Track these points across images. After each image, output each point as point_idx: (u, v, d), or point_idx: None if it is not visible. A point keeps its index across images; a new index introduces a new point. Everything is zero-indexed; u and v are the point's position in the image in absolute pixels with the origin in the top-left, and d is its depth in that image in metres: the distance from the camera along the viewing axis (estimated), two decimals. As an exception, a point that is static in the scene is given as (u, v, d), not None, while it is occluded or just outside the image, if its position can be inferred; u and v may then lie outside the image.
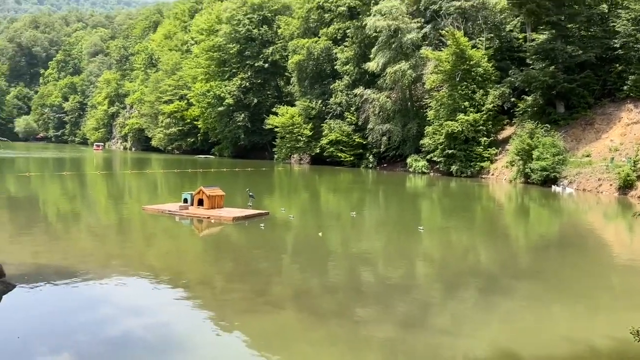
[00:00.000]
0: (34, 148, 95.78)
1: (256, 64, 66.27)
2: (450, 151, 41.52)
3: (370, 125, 50.52)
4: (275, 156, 61.41)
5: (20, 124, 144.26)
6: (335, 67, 54.80)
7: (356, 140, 52.47)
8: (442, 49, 43.69)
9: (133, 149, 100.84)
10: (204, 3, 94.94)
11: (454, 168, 41.61)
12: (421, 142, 44.79)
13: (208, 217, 17.42)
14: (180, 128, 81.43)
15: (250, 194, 20.22)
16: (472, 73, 41.61)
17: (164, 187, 31.54)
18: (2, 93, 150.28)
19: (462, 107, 41.28)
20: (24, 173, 37.37)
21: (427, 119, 44.63)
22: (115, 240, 14.89)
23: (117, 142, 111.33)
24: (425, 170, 45.15)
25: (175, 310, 8.60)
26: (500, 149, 41.42)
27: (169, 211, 18.28)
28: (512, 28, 45.11)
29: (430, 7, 47.05)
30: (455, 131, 40.61)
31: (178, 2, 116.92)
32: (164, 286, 9.92)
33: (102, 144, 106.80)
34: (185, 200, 18.69)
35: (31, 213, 19.42)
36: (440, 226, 19.24)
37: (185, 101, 79.89)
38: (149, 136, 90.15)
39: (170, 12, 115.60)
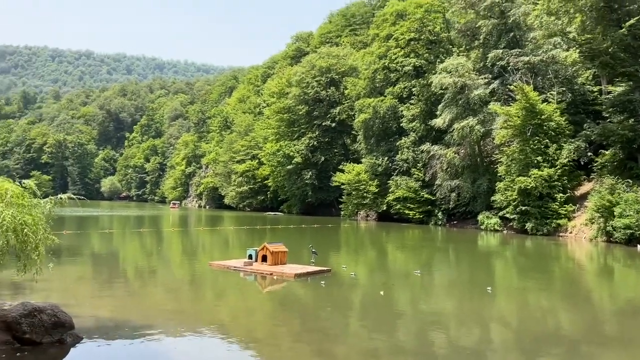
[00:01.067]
0: (117, 206, 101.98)
1: (324, 124, 68.22)
2: (524, 208, 39.88)
3: (438, 182, 49.85)
4: (342, 213, 61.64)
5: (105, 184, 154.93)
6: (401, 125, 55.24)
7: (424, 196, 51.80)
8: (511, 103, 42.98)
9: (207, 206, 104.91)
10: (276, 68, 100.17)
11: (528, 225, 39.78)
12: (492, 198, 43.44)
13: (271, 274, 17.61)
14: (251, 186, 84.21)
15: (313, 250, 20.29)
16: (544, 127, 40.40)
17: (234, 243, 32.35)
18: (92, 156, 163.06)
19: (535, 162, 39.90)
20: (107, 230, 39.75)
21: (498, 174, 43.43)
22: (184, 296, 15.32)
23: (193, 201, 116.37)
24: (498, 228, 43.48)
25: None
26: (578, 205, 39.26)
27: (234, 267, 18.68)
28: (584, 81, 43.78)
29: (498, 63, 46.84)
30: (529, 187, 39.12)
31: (252, 68, 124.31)
32: (231, 343, 10.04)
33: (178, 202, 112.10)
34: (250, 257, 19.06)
35: (111, 269, 20.49)
36: (516, 287, 18.24)
37: (257, 161, 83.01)
38: (222, 194, 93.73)
39: (245, 77, 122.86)
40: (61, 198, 9.98)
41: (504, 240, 37.21)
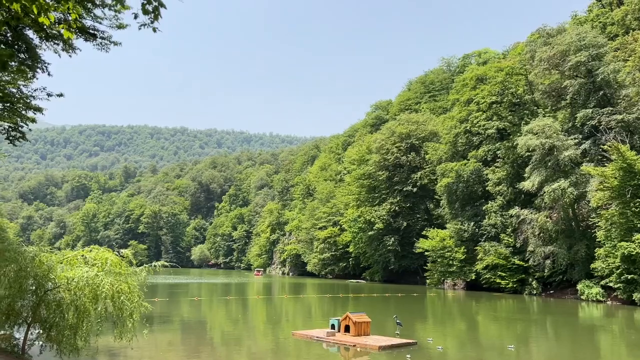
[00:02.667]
0: (206, 274, 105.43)
1: (405, 189, 67.69)
2: (629, 276, 36.43)
3: (530, 248, 47.06)
4: (427, 281, 59.46)
5: (195, 252, 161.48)
6: (486, 188, 53.53)
7: (515, 263, 48.92)
8: (606, 164, 40.48)
9: (290, 273, 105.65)
10: (356, 136, 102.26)
11: (636, 296, 36.09)
12: (592, 265, 40.19)
13: (354, 345, 17.13)
14: (333, 253, 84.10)
15: (398, 321, 19.59)
16: (646, 188, 37.43)
17: (316, 312, 32.04)
18: (184, 225, 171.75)
19: (639, 226, 36.73)
20: (195, 298, 41.04)
21: (597, 239, 40.36)
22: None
23: (277, 268, 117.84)
24: (601, 299, 39.83)
25: None
26: (695, 273, 35.23)
27: (317, 337, 18.40)
28: (690, 137, 40.55)
29: (588, 122, 44.78)
30: (634, 253, 35.85)
31: (333, 137, 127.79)
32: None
33: (262, 269, 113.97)
34: (333, 326, 18.74)
35: (199, 336, 20.96)
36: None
37: (338, 227, 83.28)
38: (305, 261, 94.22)
39: (326, 146, 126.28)
40: (155, 266, 10.55)
41: (608, 312, 33.89)
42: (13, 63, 14.75)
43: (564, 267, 44.41)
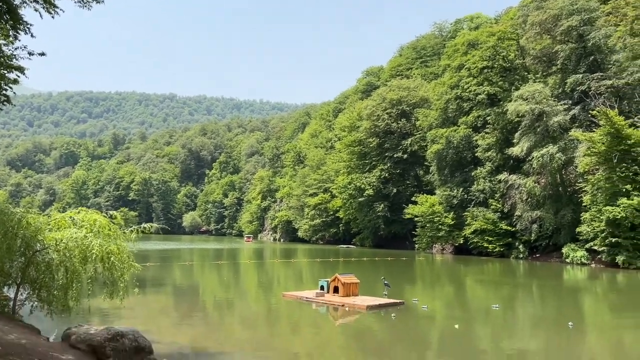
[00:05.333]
0: (197, 240, 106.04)
1: (395, 155, 67.87)
2: (613, 239, 37.19)
3: (517, 213, 47.74)
4: (416, 246, 60.32)
5: (187, 219, 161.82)
6: (476, 154, 53.80)
7: (503, 228, 49.67)
8: (595, 130, 40.73)
9: (282, 239, 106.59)
10: (347, 103, 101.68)
11: (619, 259, 36.94)
12: (578, 229, 40.91)
13: (343, 305, 17.49)
14: (323, 219, 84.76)
15: (386, 282, 19.96)
16: (633, 153, 37.86)
17: (307, 276, 32.52)
18: (174, 192, 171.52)
19: (624, 190, 37.30)
20: (187, 262, 41.40)
21: (583, 204, 40.96)
22: (259, 327, 15.55)
23: (268, 234, 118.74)
24: (585, 261, 40.72)
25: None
26: (677, 236, 36.02)
27: (306, 298, 18.74)
28: (678, 102, 40.78)
29: (578, 88, 44.79)
30: (618, 217, 36.50)
31: (324, 104, 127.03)
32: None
33: (252, 236, 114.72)
34: (322, 288, 19.08)
35: (191, 300, 21.25)
36: (609, 325, 16.89)
37: (329, 194, 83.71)
38: (296, 227, 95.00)
39: (317, 113, 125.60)
40: (144, 228, 10.60)
41: (592, 274, 34.72)
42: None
43: (550, 232, 45.19)
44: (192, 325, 15.02)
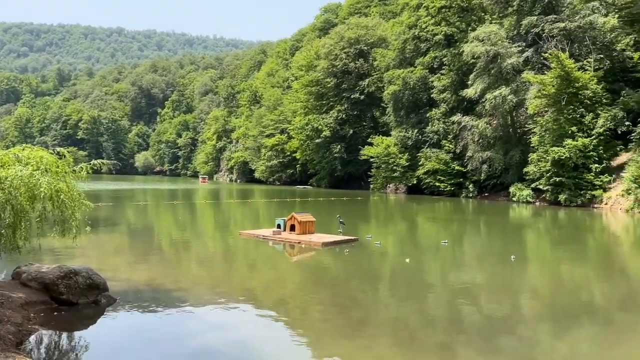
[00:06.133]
0: (151, 181, 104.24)
1: (352, 96, 67.61)
2: (557, 179, 39.05)
3: (469, 153, 49.11)
4: (371, 186, 61.51)
5: (139, 159, 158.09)
6: (431, 96, 54.32)
7: (455, 168, 51.16)
8: (546, 72, 41.67)
9: (238, 180, 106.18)
10: (304, 41, 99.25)
11: (562, 197, 38.98)
12: (525, 169, 42.62)
13: (299, 242, 17.85)
14: (280, 160, 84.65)
15: (341, 220, 20.39)
16: (580, 96, 39.17)
17: (264, 215, 32.78)
18: (125, 131, 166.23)
19: (570, 132, 38.85)
20: (141, 202, 40.81)
21: (531, 145, 42.50)
22: (216, 265, 15.71)
23: (224, 175, 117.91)
24: (530, 200, 42.76)
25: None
26: (614, 176, 38.18)
27: (263, 236, 18.99)
28: (624, 47, 41.98)
29: (532, 30, 45.28)
30: (563, 157, 38.19)
31: (280, 42, 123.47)
32: (262, 312, 10.24)
33: (207, 177, 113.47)
34: (279, 226, 19.33)
35: (146, 239, 21.12)
36: (549, 258, 18.00)
37: (286, 135, 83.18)
38: (253, 168, 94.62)
39: (273, 51, 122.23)
40: (94, 164, 10.25)
41: (536, 212, 36.60)
42: None
43: (499, 172, 46.94)
44: (148, 264, 15.00)
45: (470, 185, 50.48)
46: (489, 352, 7.78)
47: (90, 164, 10.28)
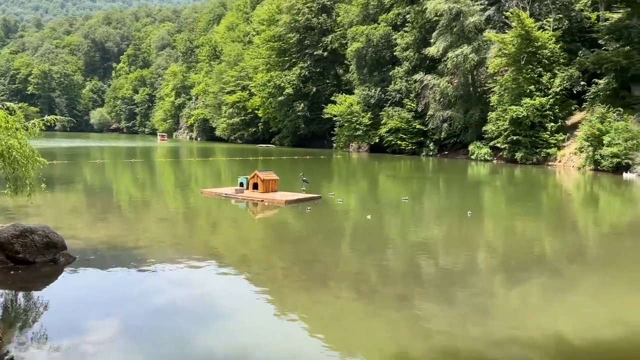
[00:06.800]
0: (107, 138, 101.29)
1: (315, 53, 66.52)
2: (514, 137, 40.07)
3: (430, 112, 49.60)
4: (334, 145, 61.60)
5: (95, 115, 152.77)
6: (394, 54, 54.06)
7: (416, 127, 51.66)
8: (507, 31, 42.03)
9: (199, 138, 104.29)
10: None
11: (518, 155, 40.13)
12: (484, 128, 43.50)
13: (262, 200, 17.86)
14: (242, 118, 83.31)
15: (304, 179, 20.46)
16: (539, 55, 39.84)
17: (226, 174, 32.50)
18: (79, 87, 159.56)
19: (528, 91, 39.66)
20: (98, 160, 39.69)
21: (491, 104, 43.25)
22: (178, 223, 15.58)
23: (184, 133, 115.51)
24: (488, 158, 43.86)
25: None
26: (568, 134, 39.49)
27: (226, 194, 18.89)
28: (583, 7, 42.63)
29: (495, -12, 45.30)
30: (520, 116, 39.10)
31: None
32: (226, 270, 10.28)
33: (166, 134, 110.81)
34: (241, 184, 19.24)
35: (104, 198, 20.65)
36: (504, 214, 18.68)
37: (247, 92, 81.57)
38: (213, 126, 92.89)
39: (233, 4, 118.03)
40: (47, 120, 9.85)
41: (493, 169, 37.65)
42: None
43: (459, 130, 47.74)
44: (107, 223, 14.74)
45: (431, 144, 51.23)
46: (445, 302, 8.11)
47: (43, 120, 9.85)
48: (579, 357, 6.21)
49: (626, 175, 30.42)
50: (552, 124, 39.40)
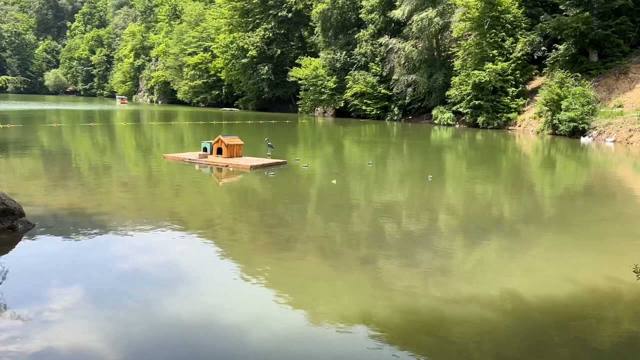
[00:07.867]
0: (64, 101, 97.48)
1: (279, 14, 65.12)
2: (476, 102, 40.67)
3: (395, 76, 49.65)
4: (299, 109, 61.18)
5: (49, 77, 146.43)
6: (360, 16, 53.44)
7: (381, 92, 51.71)
8: (472, -5, 41.99)
9: (160, 102, 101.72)
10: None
11: (480, 120, 40.85)
12: (447, 93, 43.92)
13: (227, 166, 17.70)
14: (204, 80, 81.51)
15: (269, 143, 20.34)
16: (502, 20, 40.15)
17: (189, 139, 31.94)
18: (32, 47, 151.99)
19: (491, 56, 40.09)
20: (54, 124, 38.28)
21: (454, 69, 43.57)
22: (140, 189, 15.32)
23: (144, 95, 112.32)
24: (451, 122, 44.48)
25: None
26: (528, 99, 40.37)
27: (189, 160, 18.62)
28: (546, -28, 42.91)
29: (460, -50, 44.89)
30: (483, 81, 39.62)
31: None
32: (190, 235, 10.21)
33: (126, 97, 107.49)
34: (205, 149, 18.97)
35: (63, 163, 20.01)
36: (464, 177, 19.11)
37: (209, 53, 79.55)
38: (175, 89, 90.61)
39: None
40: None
41: (456, 134, 38.26)
42: None
43: (423, 95, 48.08)
44: (67, 188, 14.35)
45: (395, 109, 51.49)
46: (407, 264, 8.34)
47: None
48: (533, 314, 6.54)
49: (583, 140, 31.46)
50: (513, 88, 40.12)
